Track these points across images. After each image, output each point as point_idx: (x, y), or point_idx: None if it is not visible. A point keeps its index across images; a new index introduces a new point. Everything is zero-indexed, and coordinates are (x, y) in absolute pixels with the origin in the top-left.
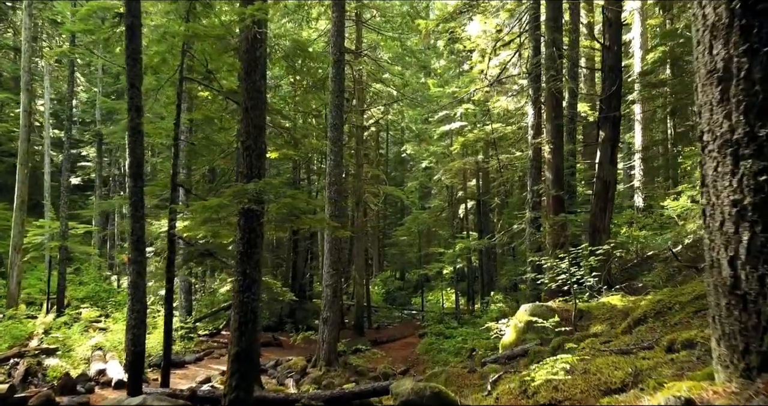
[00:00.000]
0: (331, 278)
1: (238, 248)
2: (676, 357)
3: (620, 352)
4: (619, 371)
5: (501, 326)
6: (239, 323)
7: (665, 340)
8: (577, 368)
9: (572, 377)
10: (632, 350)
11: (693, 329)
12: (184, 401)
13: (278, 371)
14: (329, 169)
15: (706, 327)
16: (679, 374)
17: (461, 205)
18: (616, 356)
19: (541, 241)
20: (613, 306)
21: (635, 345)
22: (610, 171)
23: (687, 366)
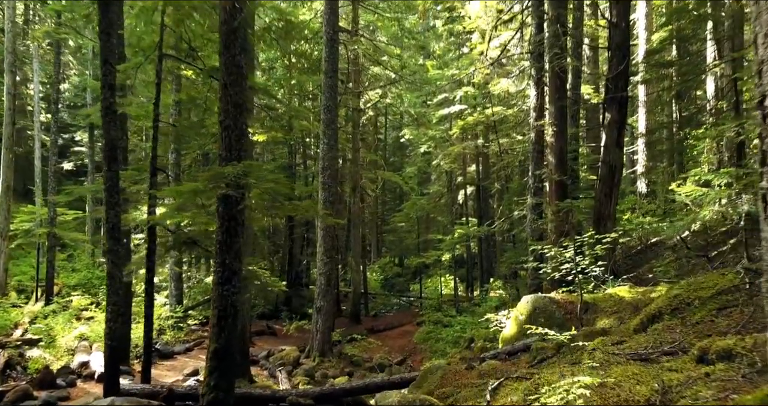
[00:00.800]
0: (326, 266)
1: (217, 237)
2: (712, 371)
3: (639, 358)
4: (642, 386)
5: (501, 317)
6: (218, 317)
7: (696, 348)
8: (591, 379)
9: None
10: (653, 356)
11: (725, 331)
12: (158, 402)
13: (270, 361)
14: (323, 153)
15: (745, 333)
16: (723, 397)
17: (461, 190)
18: (635, 363)
19: (543, 228)
20: (620, 298)
21: (654, 348)
22: (616, 155)
23: (730, 385)
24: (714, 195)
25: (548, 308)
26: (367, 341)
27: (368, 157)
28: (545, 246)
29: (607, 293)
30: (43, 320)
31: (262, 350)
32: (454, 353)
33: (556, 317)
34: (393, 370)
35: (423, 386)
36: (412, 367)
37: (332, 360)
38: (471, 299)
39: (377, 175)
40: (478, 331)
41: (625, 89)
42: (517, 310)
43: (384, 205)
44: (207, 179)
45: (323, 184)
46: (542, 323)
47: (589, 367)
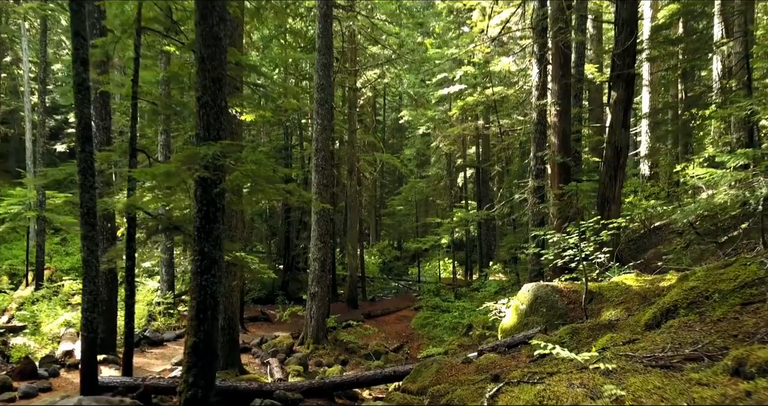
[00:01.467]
0: (319, 251)
1: (194, 223)
2: (753, 389)
3: (658, 364)
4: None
5: (500, 306)
6: (197, 310)
7: (730, 358)
8: (604, 393)
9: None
10: (673, 361)
11: (752, 332)
12: (132, 400)
13: (263, 349)
14: (316, 134)
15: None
16: None
17: (460, 173)
18: (654, 371)
19: (545, 212)
20: (627, 287)
21: (674, 351)
22: (622, 135)
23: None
24: (729, 177)
25: (550, 298)
26: (363, 327)
27: (366, 139)
28: (548, 232)
29: (612, 282)
30: (30, 306)
31: (255, 337)
32: (452, 341)
33: (559, 307)
34: (389, 357)
35: (417, 380)
36: (409, 354)
37: (327, 347)
38: (470, 284)
39: (375, 158)
40: (477, 317)
41: (632, 66)
42: (518, 299)
43: (383, 188)
44: (181, 161)
45: (317, 166)
46: (544, 313)
47: (602, 374)
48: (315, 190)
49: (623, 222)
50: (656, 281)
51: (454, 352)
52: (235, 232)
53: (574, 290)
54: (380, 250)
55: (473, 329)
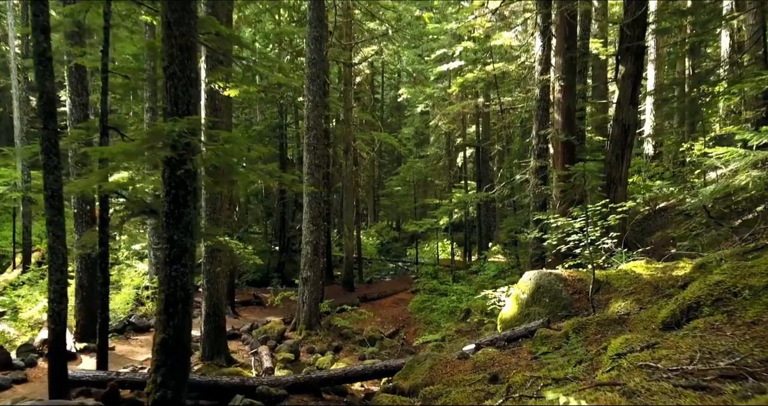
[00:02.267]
0: (312, 235)
1: (163, 208)
2: None
3: (689, 382)
4: None
5: (500, 294)
6: (166, 303)
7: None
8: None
9: None
10: (708, 379)
11: None
12: (96, 403)
13: (253, 335)
14: (307, 111)
15: None
16: None
17: (459, 153)
18: (687, 394)
19: (547, 194)
20: (637, 276)
21: (705, 363)
22: (630, 112)
23: None
24: (752, 157)
25: (554, 287)
26: (357, 311)
27: (363, 118)
28: (551, 216)
29: (621, 270)
30: (12, 291)
31: (247, 322)
32: (449, 326)
33: (563, 297)
34: (384, 343)
35: (409, 377)
36: (405, 340)
37: (320, 333)
38: (468, 266)
39: (372, 137)
40: (475, 302)
41: (642, 37)
42: (518, 287)
43: (381, 168)
44: (143, 139)
45: (308, 145)
46: (546, 303)
47: (622, 394)
48: (306, 171)
49: (633, 205)
50: (668, 269)
51: (452, 338)
52: (220, 215)
53: (580, 279)
54: (378, 231)
55: (471, 315)
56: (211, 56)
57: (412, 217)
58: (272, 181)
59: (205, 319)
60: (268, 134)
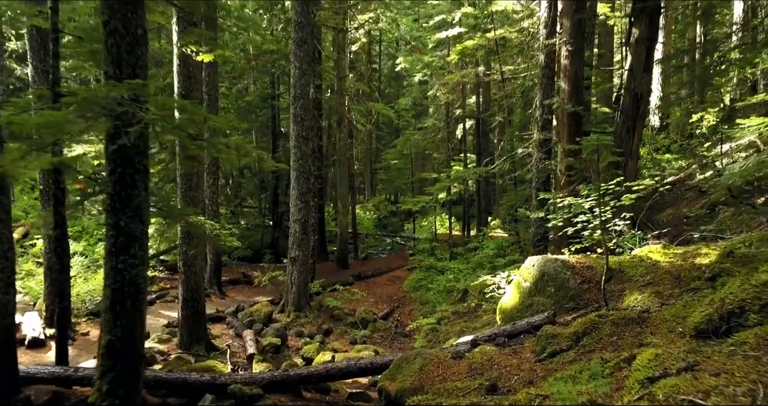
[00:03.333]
0: (300, 212)
1: (106, 189)
2: None
3: None
4: None
5: (499, 280)
6: (112, 300)
7: None
8: None
9: None
10: None
11: None
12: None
13: (238, 318)
14: (294, 79)
15: None
16: None
17: (459, 124)
18: None
19: (551, 169)
20: (654, 263)
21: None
22: (644, 80)
23: None
24: None
25: (560, 275)
26: (350, 291)
27: (359, 88)
28: (558, 195)
29: (635, 256)
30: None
31: (234, 303)
32: (446, 308)
33: (570, 286)
34: (377, 325)
35: (397, 378)
36: (399, 321)
37: (309, 315)
38: (467, 242)
39: (369, 107)
40: (473, 281)
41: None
42: (520, 274)
43: (379, 140)
44: (75, 107)
45: (295, 116)
46: (551, 293)
47: None
48: (294, 144)
49: (652, 184)
50: (689, 255)
51: (448, 321)
52: (197, 192)
53: (589, 266)
54: (376, 205)
55: (469, 295)
56: (183, 18)
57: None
58: (231, 157)
59: (183, 304)
60: (258, 105)
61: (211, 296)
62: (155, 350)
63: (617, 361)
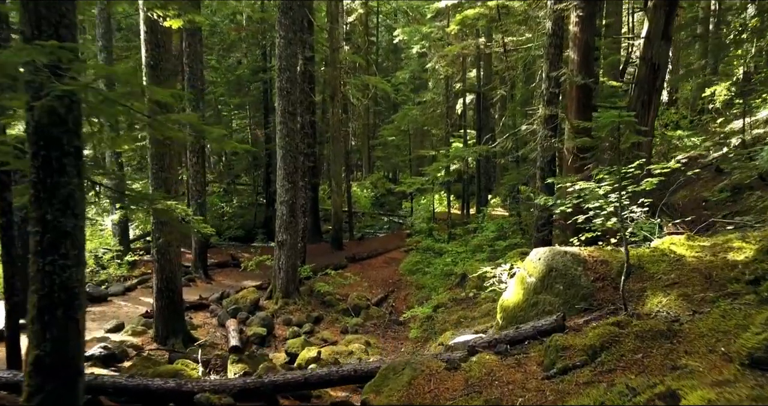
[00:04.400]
0: (287, 193)
1: (30, 177)
2: None
3: None
4: None
5: (500, 272)
6: (39, 308)
7: None
8: None
9: None
10: None
11: None
12: None
13: (223, 305)
14: (279, 49)
15: None
16: None
17: (459, 99)
18: None
19: (558, 147)
20: (678, 258)
21: None
22: (662, 49)
23: None
24: None
25: (570, 271)
26: (343, 275)
27: (354, 61)
28: (567, 180)
29: (656, 248)
30: None
31: (220, 288)
32: (443, 294)
33: (581, 284)
34: (370, 312)
35: (383, 392)
36: (394, 308)
37: (298, 302)
38: (466, 222)
39: (367, 82)
40: (472, 265)
41: None
42: (525, 268)
43: (377, 115)
44: None
45: (281, 90)
46: (560, 291)
47: None
48: (279, 120)
49: (677, 166)
50: (719, 249)
51: (445, 308)
52: (169, 173)
53: (603, 261)
54: (373, 183)
55: (467, 280)
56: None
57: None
58: (182, 137)
59: (157, 294)
60: (249, 79)
61: (196, 280)
62: (128, 344)
63: (650, 395)
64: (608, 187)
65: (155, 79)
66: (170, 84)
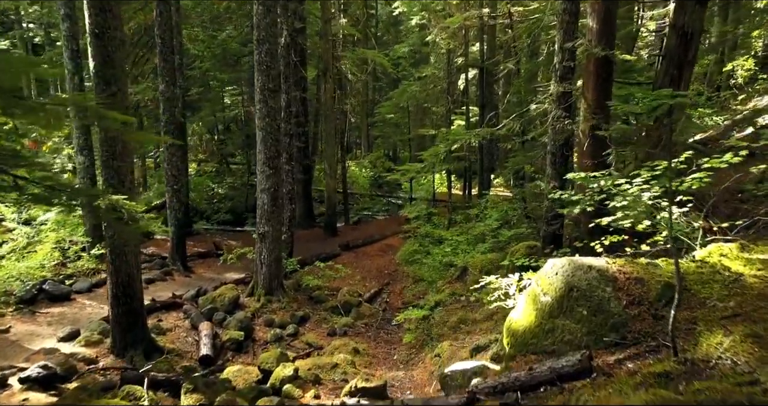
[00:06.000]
0: (268, 180)
1: None
2: None
3: None
4: None
5: (508, 285)
6: None
7: None
8: None
9: None
10: None
11: None
12: None
13: (198, 304)
14: (257, 18)
15: None
16: None
17: (461, 75)
18: None
19: (571, 129)
20: (735, 276)
21: None
22: (695, 15)
23: None
24: None
25: (596, 292)
26: (334, 267)
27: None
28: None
29: (703, 262)
30: None
31: (199, 282)
32: (443, 288)
33: (611, 310)
34: (361, 310)
35: None
36: (388, 304)
37: (282, 299)
38: (468, 204)
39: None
40: (474, 257)
41: None
42: (538, 283)
43: (379, 91)
44: None
45: (259, 64)
46: (584, 317)
47: None
48: (259, 98)
49: (737, 160)
50: None
51: (443, 306)
52: (123, 161)
53: (637, 278)
54: (372, 161)
55: (468, 274)
56: None
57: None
58: (54, 125)
59: (113, 301)
60: (237, 53)
61: (174, 273)
62: (79, 357)
63: None
64: (643, 184)
65: (102, 50)
66: (120, 56)
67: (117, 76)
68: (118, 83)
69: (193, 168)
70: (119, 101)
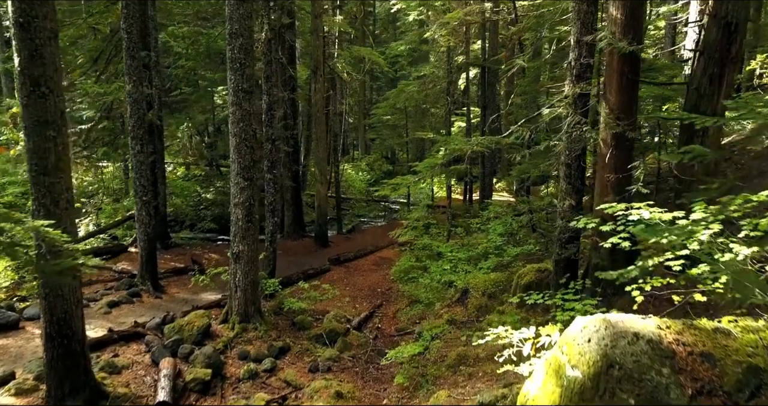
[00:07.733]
0: (242, 193)
1: None
2: None
3: None
4: None
5: (519, 340)
6: None
7: None
8: None
9: None
10: None
11: None
12: None
13: (165, 334)
14: (229, 10)
15: None
16: None
17: (462, 74)
18: None
19: (588, 137)
20: None
21: None
22: (740, 3)
23: None
24: None
25: (647, 372)
26: (320, 288)
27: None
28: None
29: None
30: None
31: (171, 305)
32: (440, 312)
33: (672, 402)
34: (349, 339)
35: None
36: (380, 330)
37: (260, 327)
38: (469, 212)
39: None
40: (476, 276)
41: None
42: (564, 350)
43: (377, 91)
44: None
45: (232, 61)
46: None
47: None
48: (232, 100)
49: None
50: None
51: (442, 337)
52: (57, 178)
53: (704, 354)
54: (369, 164)
55: (470, 296)
56: None
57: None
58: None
59: (46, 343)
60: (221, 50)
61: (143, 294)
62: None
63: None
64: (710, 222)
65: (28, 44)
66: (53, 51)
67: (48, 75)
68: (49, 84)
69: (181, 171)
70: (51, 105)
